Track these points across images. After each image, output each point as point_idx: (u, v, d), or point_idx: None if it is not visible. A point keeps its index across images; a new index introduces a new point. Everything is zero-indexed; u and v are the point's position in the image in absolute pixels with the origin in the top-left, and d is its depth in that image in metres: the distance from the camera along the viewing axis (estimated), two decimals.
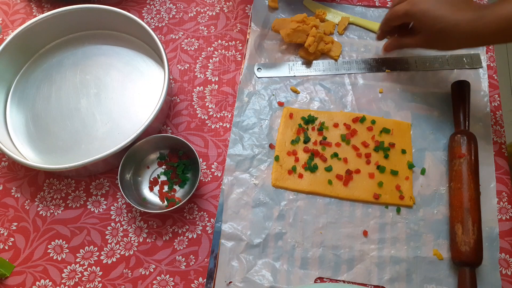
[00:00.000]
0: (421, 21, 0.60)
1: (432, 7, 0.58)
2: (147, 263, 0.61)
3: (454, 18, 0.57)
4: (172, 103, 0.71)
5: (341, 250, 0.61)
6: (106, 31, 0.75)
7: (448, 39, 0.59)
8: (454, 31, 0.57)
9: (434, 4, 0.58)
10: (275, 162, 0.65)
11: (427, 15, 0.59)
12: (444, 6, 0.58)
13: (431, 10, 0.58)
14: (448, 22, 0.57)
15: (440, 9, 0.58)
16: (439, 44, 0.62)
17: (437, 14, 0.58)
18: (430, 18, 0.58)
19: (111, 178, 0.66)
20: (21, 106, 0.70)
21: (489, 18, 0.55)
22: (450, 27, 0.57)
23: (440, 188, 0.64)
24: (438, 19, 0.58)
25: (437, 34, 0.59)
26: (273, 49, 0.74)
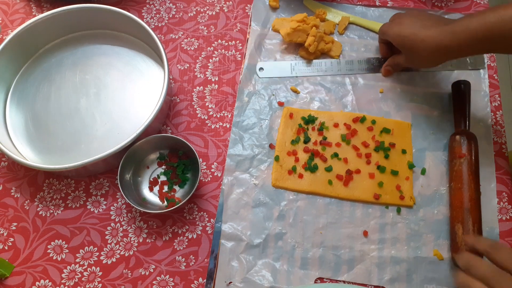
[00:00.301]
0: (395, 41, 0.65)
1: (403, 28, 0.63)
2: (147, 263, 0.61)
3: (421, 34, 0.60)
4: (172, 103, 0.70)
5: (341, 251, 0.60)
6: (106, 31, 0.75)
7: (421, 55, 0.62)
8: (422, 47, 0.60)
9: (405, 25, 0.63)
10: (275, 162, 0.65)
11: (399, 35, 0.63)
12: (414, 26, 0.62)
13: (402, 31, 0.63)
14: (416, 39, 0.61)
15: (409, 28, 0.62)
16: (417, 62, 0.65)
17: (406, 33, 0.62)
18: (401, 38, 0.63)
19: (111, 178, 0.66)
20: (21, 106, 0.70)
21: (457, 30, 0.57)
22: (418, 43, 0.60)
23: (440, 188, 0.64)
24: (407, 38, 0.62)
25: (410, 52, 0.63)
26: (273, 49, 0.74)
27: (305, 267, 0.60)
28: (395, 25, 0.65)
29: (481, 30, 0.55)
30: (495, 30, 0.54)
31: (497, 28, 0.54)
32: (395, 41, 0.65)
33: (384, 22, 0.74)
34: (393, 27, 0.65)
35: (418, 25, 0.62)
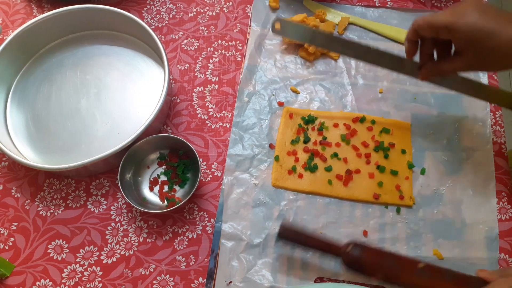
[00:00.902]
0: (468, 37, 0.49)
1: (480, 20, 0.48)
2: (147, 263, 0.61)
3: (507, 31, 0.47)
4: (172, 103, 0.71)
5: None
6: (106, 31, 0.75)
7: (502, 57, 0.49)
8: (505, 47, 0.48)
9: (480, 16, 0.49)
10: (275, 162, 0.65)
11: (475, 30, 0.48)
12: (494, 19, 0.48)
13: (479, 24, 0.48)
14: (502, 37, 0.48)
15: (489, 22, 0.48)
16: (489, 65, 0.52)
17: (487, 28, 0.48)
18: (479, 33, 0.48)
19: (111, 178, 0.66)
20: (21, 106, 0.70)
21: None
22: (505, 43, 0.48)
23: (440, 188, 0.64)
24: (489, 34, 0.48)
25: (488, 53, 0.50)
26: (273, 49, 0.74)
27: (305, 266, 0.60)
28: (466, 15, 0.49)
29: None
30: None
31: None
32: (464, 37, 0.49)
33: (384, 23, 0.75)
34: (465, 16, 0.49)
35: (498, 19, 0.49)
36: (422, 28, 0.53)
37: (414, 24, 0.54)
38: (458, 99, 0.69)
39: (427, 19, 0.52)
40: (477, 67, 0.53)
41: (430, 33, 0.52)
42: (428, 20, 0.52)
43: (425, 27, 0.52)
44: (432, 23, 0.51)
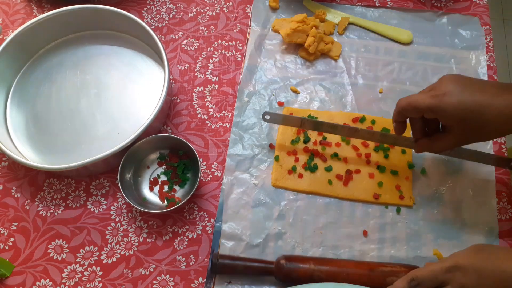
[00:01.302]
0: (455, 117, 0.49)
1: (464, 97, 0.48)
2: (147, 263, 0.61)
3: (496, 104, 0.47)
4: (172, 103, 0.71)
5: (341, 250, 0.61)
6: (106, 31, 0.75)
7: (493, 130, 0.49)
8: (497, 120, 0.47)
9: (463, 93, 0.48)
10: (275, 162, 0.65)
11: (462, 109, 0.48)
12: (478, 93, 0.48)
13: (465, 103, 0.48)
14: (491, 112, 0.47)
15: (474, 98, 0.48)
16: (479, 138, 0.51)
17: (474, 105, 0.47)
18: (466, 112, 0.48)
19: (111, 178, 0.66)
20: (21, 106, 0.70)
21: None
22: (494, 116, 0.47)
23: (440, 188, 0.64)
24: (477, 112, 0.47)
25: (478, 128, 0.49)
26: (273, 49, 0.74)
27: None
28: (448, 94, 0.49)
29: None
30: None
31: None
32: (451, 117, 0.49)
33: (384, 23, 0.75)
34: (446, 95, 0.48)
35: (481, 89, 0.48)
36: (406, 110, 0.53)
37: (398, 106, 0.54)
38: None
39: (410, 101, 0.52)
40: (468, 141, 0.52)
41: (416, 114, 0.52)
42: (411, 103, 0.51)
43: (409, 109, 0.52)
44: (416, 106, 0.51)
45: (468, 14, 0.76)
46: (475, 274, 0.45)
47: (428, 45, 0.74)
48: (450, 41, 0.74)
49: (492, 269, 0.45)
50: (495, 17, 1.82)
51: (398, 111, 0.54)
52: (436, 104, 0.49)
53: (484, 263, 0.46)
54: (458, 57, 0.73)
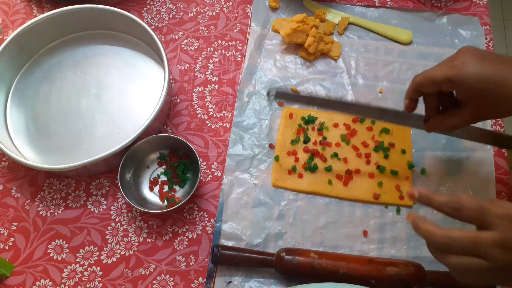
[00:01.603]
0: (474, 89, 0.46)
1: (483, 69, 0.46)
2: (147, 263, 0.61)
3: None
4: (172, 103, 0.71)
5: (341, 250, 0.61)
6: (106, 31, 0.75)
7: (510, 104, 0.46)
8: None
9: (482, 65, 0.46)
10: (275, 162, 0.65)
11: (481, 80, 0.46)
12: (497, 66, 0.46)
13: (485, 74, 0.46)
14: (507, 81, 0.45)
15: (494, 70, 0.45)
16: (498, 114, 0.49)
17: (494, 77, 0.45)
18: (485, 83, 0.46)
19: (111, 178, 0.66)
20: (21, 106, 0.70)
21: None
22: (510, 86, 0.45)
23: (440, 188, 0.64)
24: (497, 84, 0.45)
25: (496, 103, 0.46)
26: (273, 49, 0.74)
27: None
28: (465, 64, 0.47)
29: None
30: None
31: None
32: (470, 88, 0.47)
33: (384, 23, 0.75)
34: (464, 66, 0.46)
35: (500, 61, 0.46)
36: (423, 85, 0.51)
37: (414, 83, 0.52)
38: None
39: (426, 75, 0.50)
40: (485, 117, 0.50)
41: (432, 88, 0.50)
42: (428, 76, 0.50)
43: (425, 83, 0.50)
44: (433, 78, 0.49)
45: (468, 14, 0.76)
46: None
47: (428, 45, 0.74)
48: (450, 41, 0.74)
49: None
50: (495, 17, 1.82)
51: (414, 87, 0.52)
52: (455, 73, 0.47)
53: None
54: None
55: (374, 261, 0.56)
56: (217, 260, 0.57)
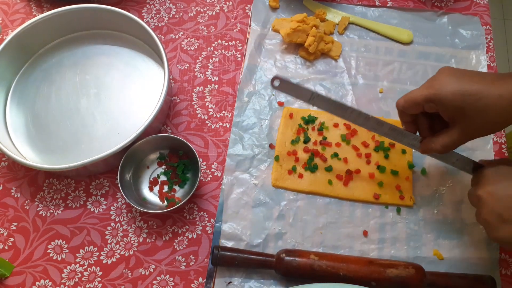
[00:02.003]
0: (455, 105, 0.47)
1: (461, 85, 0.47)
2: (147, 263, 0.61)
3: (494, 90, 0.46)
4: (172, 103, 0.71)
5: (341, 250, 0.60)
6: (106, 31, 0.75)
7: (495, 117, 0.47)
8: (498, 104, 0.45)
9: (460, 82, 0.47)
10: (275, 162, 0.65)
11: (460, 95, 0.47)
12: (475, 81, 0.47)
13: (463, 89, 0.47)
14: (490, 97, 0.46)
15: (472, 85, 0.47)
16: (485, 129, 0.49)
17: (472, 91, 0.46)
18: (465, 98, 0.46)
19: (111, 178, 0.66)
20: (21, 106, 0.70)
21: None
22: (494, 100, 0.45)
23: (440, 188, 0.64)
24: (476, 96, 0.46)
25: (480, 117, 0.47)
26: (273, 49, 0.74)
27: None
28: (444, 83, 0.48)
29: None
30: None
31: None
32: (450, 104, 0.47)
33: (385, 23, 0.75)
34: (443, 85, 0.48)
35: (478, 78, 0.47)
36: (406, 108, 0.52)
37: (397, 105, 0.53)
38: None
39: (407, 97, 0.51)
40: (473, 134, 0.50)
41: (416, 110, 0.51)
42: (408, 98, 0.51)
43: (407, 105, 0.51)
44: (414, 100, 0.50)
45: (469, 13, 0.76)
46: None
47: (428, 44, 0.74)
48: (451, 40, 0.74)
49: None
50: (495, 16, 1.82)
51: (399, 111, 0.54)
52: (434, 93, 0.48)
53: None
54: (459, 57, 0.73)
55: (374, 263, 0.56)
56: (217, 261, 0.57)
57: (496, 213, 0.46)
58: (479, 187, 0.49)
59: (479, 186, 0.50)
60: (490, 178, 0.49)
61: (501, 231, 0.46)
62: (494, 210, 0.47)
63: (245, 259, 0.57)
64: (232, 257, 0.57)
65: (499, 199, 0.47)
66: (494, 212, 0.47)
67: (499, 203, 0.47)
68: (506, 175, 0.49)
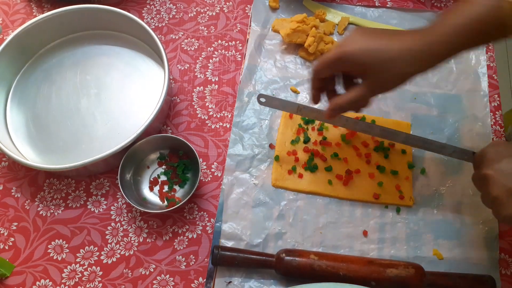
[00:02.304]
0: (361, 61, 0.50)
1: (365, 42, 0.50)
2: (147, 263, 0.61)
3: (394, 44, 0.49)
4: (172, 103, 0.71)
5: (341, 250, 0.61)
6: (106, 31, 0.75)
7: (395, 70, 0.49)
8: (398, 58, 0.48)
9: (364, 39, 0.50)
10: (275, 162, 0.65)
11: (363, 52, 0.49)
12: (378, 38, 0.50)
13: (366, 46, 0.50)
14: (391, 51, 0.49)
15: (374, 42, 0.50)
16: (389, 82, 0.51)
17: (373, 47, 0.49)
18: (367, 54, 0.49)
19: (111, 178, 0.66)
20: (21, 106, 0.70)
21: (444, 31, 0.48)
22: (394, 54, 0.48)
23: (440, 188, 0.64)
24: (377, 52, 0.49)
25: (384, 70, 0.49)
26: (273, 49, 0.74)
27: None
28: (351, 42, 0.51)
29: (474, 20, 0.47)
30: (490, 17, 0.47)
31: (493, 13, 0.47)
32: (358, 60, 0.50)
33: (384, 23, 0.75)
34: (350, 43, 0.50)
35: (382, 35, 0.50)
36: (320, 71, 0.54)
37: (312, 71, 0.55)
38: (458, 99, 0.70)
39: (320, 60, 0.53)
40: (379, 88, 0.52)
41: (328, 71, 0.53)
42: (322, 61, 0.53)
43: (321, 68, 0.53)
44: (325, 60, 0.52)
45: None
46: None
47: None
48: None
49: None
50: None
51: (313, 76, 0.55)
52: (341, 51, 0.51)
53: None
54: (458, 57, 0.72)
55: (374, 263, 0.56)
56: (217, 261, 0.57)
57: (506, 188, 0.47)
58: (484, 167, 0.51)
59: (483, 166, 0.51)
60: (494, 156, 0.50)
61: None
62: (505, 185, 0.47)
63: (245, 259, 0.57)
64: (232, 257, 0.57)
65: (507, 174, 0.48)
66: (505, 187, 0.47)
67: (508, 178, 0.48)
68: (506, 151, 0.50)
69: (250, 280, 0.59)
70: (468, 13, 0.48)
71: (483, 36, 0.49)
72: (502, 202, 0.47)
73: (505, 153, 0.50)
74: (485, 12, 0.48)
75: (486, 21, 0.48)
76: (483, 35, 0.49)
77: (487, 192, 0.50)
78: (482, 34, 0.49)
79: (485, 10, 0.48)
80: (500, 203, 0.48)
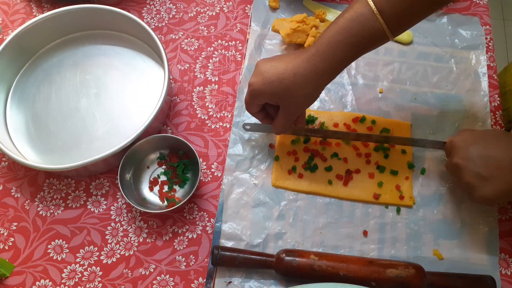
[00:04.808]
0: (267, 96, 0.55)
1: (268, 75, 0.54)
2: (147, 263, 0.61)
3: (290, 70, 0.53)
4: (172, 103, 0.71)
5: (341, 250, 0.61)
6: (106, 31, 0.75)
7: (297, 92, 0.53)
8: (295, 82, 0.53)
9: (267, 71, 0.54)
10: (275, 162, 0.65)
11: (268, 85, 0.53)
12: (274, 65, 0.54)
13: (270, 79, 0.53)
14: (287, 78, 0.53)
15: (276, 70, 0.53)
16: (298, 105, 0.56)
17: (273, 77, 0.53)
18: (272, 86, 0.54)
19: (111, 178, 0.66)
20: (21, 106, 0.70)
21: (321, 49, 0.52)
22: (291, 79, 0.53)
23: (440, 188, 0.64)
24: (278, 80, 0.53)
25: (287, 96, 0.54)
26: (273, 49, 0.74)
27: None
28: (256, 78, 0.55)
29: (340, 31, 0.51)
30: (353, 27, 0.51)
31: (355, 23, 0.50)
32: (266, 96, 0.55)
33: None
34: (255, 80, 0.55)
35: (280, 61, 0.54)
36: (248, 108, 0.59)
37: (245, 106, 0.59)
38: (458, 99, 0.70)
39: (245, 99, 0.58)
40: (293, 111, 0.57)
41: (255, 106, 0.58)
42: (245, 100, 0.58)
43: (247, 106, 0.59)
44: (246, 100, 0.58)
45: (468, 14, 0.76)
46: None
47: (428, 45, 0.74)
48: (450, 41, 0.74)
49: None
50: (495, 16, 1.82)
51: (247, 109, 0.60)
52: (251, 89, 0.55)
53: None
54: (458, 57, 0.73)
55: (374, 263, 0.56)
56: (217, 261, 0.57)
57: (475, 174, 0.53)
58: (453, 156, 0.57)
59: (453, 155, 0.57)
60: (461, 145, 0.56)
61: (484, 188, 0.53)
62: (474, 171, 0.53)
63: (245, 259, 0.57)
64: (232, 257, 0.57)
65: (473, 160, 0.54)
66: (474, 173, 0.53)
67: (475, 164, 0.53)
68: (472, 139, 0.56)
69: (250, 280, 0.59)
70: (337, 23, 0.51)
71: (358, 44, 0.52)
72: (474, 185, 0.53)
73: (471, 140, 0.56)
74: (349, 21, 0.51)
75: (351, 28, 0.51)
76: (357, 44, 0.51)
77: (460, 178, 0.55)
78: (353, 43, 0.51)
79: (350, 18, 0.51)
80: (472, 186, 0.54)
